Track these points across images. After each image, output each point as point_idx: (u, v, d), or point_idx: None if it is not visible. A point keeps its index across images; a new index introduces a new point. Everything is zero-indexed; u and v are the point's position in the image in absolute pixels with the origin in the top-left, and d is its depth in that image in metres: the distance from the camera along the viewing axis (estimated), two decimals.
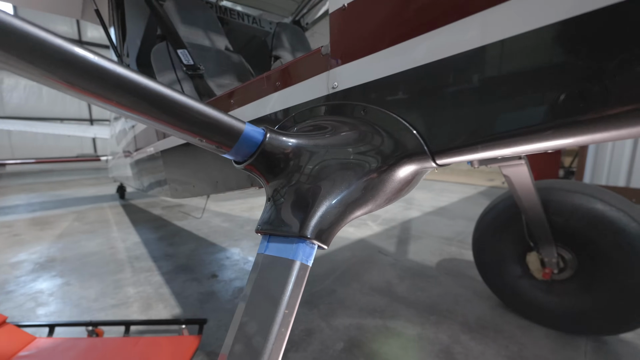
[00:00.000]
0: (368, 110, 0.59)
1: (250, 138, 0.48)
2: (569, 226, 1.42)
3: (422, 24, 0.50)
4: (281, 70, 0.82)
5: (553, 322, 1.53)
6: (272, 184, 0.54)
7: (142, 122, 0.44)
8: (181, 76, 1.71)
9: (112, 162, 4.92)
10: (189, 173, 1.58)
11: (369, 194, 0.53)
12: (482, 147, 0.48)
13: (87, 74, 0.37)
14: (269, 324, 0.44)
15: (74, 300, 1.99)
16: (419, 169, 0.57)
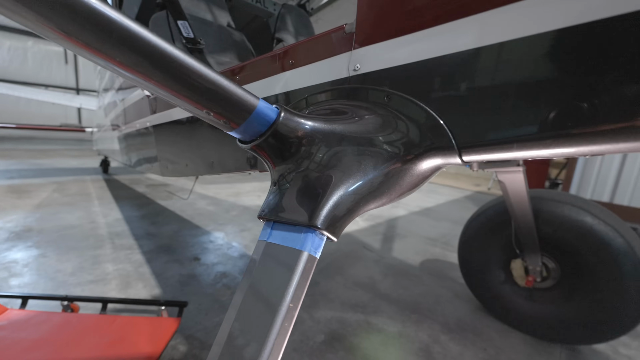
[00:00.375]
0: (392, 97, 0.56)
1: (263, 116, 0.44)
2: (557, 237, 1.45)
3: (464, 5, 0.46)
4: (296, 46, 0.76)
5: (531, 328, 1.56)
6: (280, 168, 0.50)
7: (144, 86, 0.39)
8: (179, 48, 1.65)
9: (97, 134, 4.75)
10: (183, 151, 1.53)
11: (386, 186, 0.49)
12: (511, 147, 0.46)
13: (88, 23, 0.32)
14: (272, 318, 0.40)
15: (49, 273, 1.92)
16: (443, 163, 0.54)
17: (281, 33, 2.48)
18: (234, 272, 2.09)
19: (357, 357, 1.36)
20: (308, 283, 0.44)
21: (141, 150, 2.11)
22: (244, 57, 2.02)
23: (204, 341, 1.40)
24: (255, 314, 0.42)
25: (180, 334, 1.42)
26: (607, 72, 0.37)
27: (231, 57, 1.93)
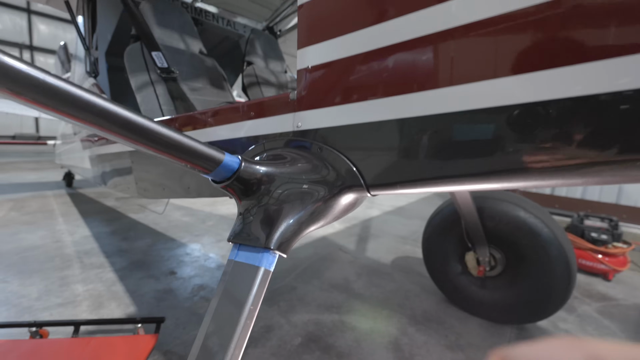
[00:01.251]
0: (323, 149, 0.74)
1: (228, 165, 0.59)
2: (499, 229, 1.63)
3: (363, 94, 0.66)
4: (256, 103, 0.94)
5: (486, 313, 1.73)
6: (244, 203, 0.66)
7: (137, 149, 0.52)
8: (155, 78, 1.68)
9: (62, 147, 4.52)
10: (161, 175, 1.59)
11: (319, 215, 0.67)
12: (405, 186, 0.65)
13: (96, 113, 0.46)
14: (237, 316, 0.54)
15: (12, 300, 1.85)
16: (358, 196, 0.73)
17: (251, 56, 2.61)
18: (211, 284, 2.12)
19: (332, 356, 1.44)
20: (265, 290, 0.59)
21: (117, 172, 2.10)
22: (216, 82, 2.08)
23: (183, 355, 1.42)
24: (226, 314, 0.56)
25: (158, 350, 1.44)
26: (453, 144, 0.57)
27: (204, 82, 1.99)
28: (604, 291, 2.13)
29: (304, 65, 0.75)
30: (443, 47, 0.55)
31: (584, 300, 2.00)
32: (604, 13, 0.42)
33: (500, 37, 0.49)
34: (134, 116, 0.48)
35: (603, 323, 1.75)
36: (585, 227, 2.52)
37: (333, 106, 0.71)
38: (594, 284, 2.23)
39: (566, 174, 0.48)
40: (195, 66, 2.03)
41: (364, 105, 0.66)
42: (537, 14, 0.46)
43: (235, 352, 0.52)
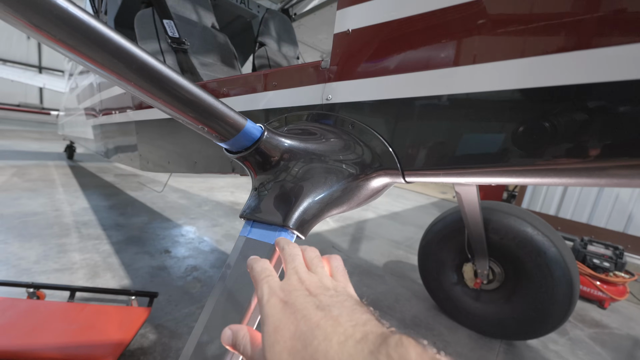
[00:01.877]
0: (355, 126, 0.67)
1: (249, 134, 0.52)
2: (503, 244, 1.63)
3: (409, 65, 0.59)
4: (280, 71, 0.86)
5: (476, 325, 1.75)
6: (261, 177, 0.59)
7: (153, 104, 0.46)
8: (165, 48, 1.66)
9: (65, 118, 4.53)
10: (166, 149, 1.54)
11: (345, 197, 0.60)
12: (443, 174, 0.59)
13: (114, 56, 0.39)
14: (250, 296, 0.49)
15: (11, 260, 1.87)
16: (390, 182, 0.66)
17: (264, 37, 2.54)
18: (204, 266, 2.13)
19: None
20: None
21: (120, 143, 2.08)
22: (227, 59, 2.06)
23: (174, 330, 1.44)
24: (237, 293, 0.51)
25: (150, 323, 1.46)
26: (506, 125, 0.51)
27: (214, 58, 1.96)
28: (597, 318, 2.15)
29: (342, 28, 0.67)
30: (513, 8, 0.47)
31: (576, 324, 2.01)
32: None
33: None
34: (151, 60, 0.41)
35: (594, 349, 1.76)
36: (588, 253, 2.51)
37: (373, 77, 0.63)
38: (589, 310, 2.24)
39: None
40: (206, 40, 1.98)
41: (409, 77, 0.58)
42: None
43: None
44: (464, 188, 1.48)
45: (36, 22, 0.34)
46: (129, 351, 1.28)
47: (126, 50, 0.40)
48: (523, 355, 1.63)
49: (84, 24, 0.36)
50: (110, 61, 0.40)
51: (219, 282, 0.54)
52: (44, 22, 0.34)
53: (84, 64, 0.40)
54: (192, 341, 0.49)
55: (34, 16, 0.34)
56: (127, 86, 0.43)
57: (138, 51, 0.41)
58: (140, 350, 1.30)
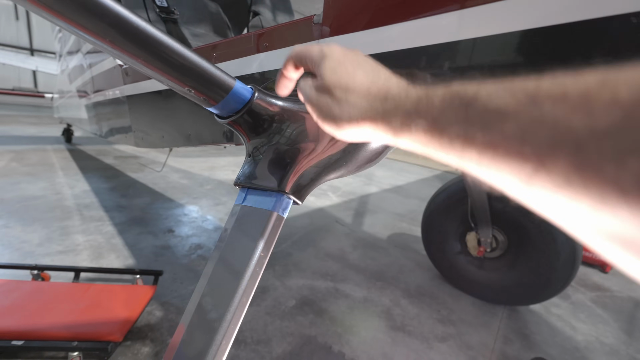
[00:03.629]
0: None
1: (239, 95, 0.49)
2: (506, 212, 1.62)
3: (410, 10, 0.54)
4: (270, 31, 0.82)
5: (480, 293, 1.76)
6: (254, 142, 0.56)
7: (133, 65, 0.42)
8: (153, 18, 1.57)
9: (60, 101, 4.44)
10: (159, 122, 1.50)
11: (343, 160, 0.56)
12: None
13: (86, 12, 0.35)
14: (246, 261, 0.48)
15: (14, 244, 1.87)
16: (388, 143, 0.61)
17: (258, 6, 2.42)
18: (208, 244, 2.14)
19: (325, 320, 1.48)
20: (277, 237, 0.53)
21: (113, 121, 2.03)
22: (220, 30, 1.96)
23: (180, 307, 1.46)
24: (233, 259, 0.50)
25: (156, 301, 1.47)
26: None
27: (206, 29, 1.88)
28: (599, 282, 2.16)
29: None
30: None
31: (578, 288, 2.03)
32: None
33: None
34: (128, 13, 0.38)
35: (596, 312, 1.78)
36: None
37: (370, 29, 0.59)
38: (590, 275, 2.25)
39: None
40: (197, 10, 1.90)
41: (409, 25, 0.54)
42: None
43: (242, 300, 0.48)
44: None
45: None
46: (136, 328, 1.29)
47: (100, 3, 0.36)
48: (526, 319, 1.65)
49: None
50: (79, 13, 0.35)
51: (215, 250, 0.54)
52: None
53: (54, 20, 0.36)
54: (191, 307, 0.50)
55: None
56: (105, 46, 0.39)
57: (112, 3, 0.37)
58: (148, 327, 1.32)
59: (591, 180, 0.14)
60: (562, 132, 0.15)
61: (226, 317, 0.46)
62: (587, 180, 0.14)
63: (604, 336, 1.58)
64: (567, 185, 0.15)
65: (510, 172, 0.18)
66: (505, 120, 0.17)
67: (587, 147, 0.14)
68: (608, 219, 0.14)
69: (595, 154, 0.13)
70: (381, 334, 1.42)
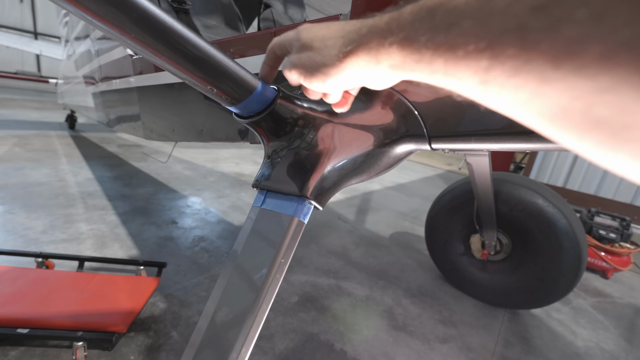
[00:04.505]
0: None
1: (262, 96, 0.47)
2: (512, 215, 1.61)
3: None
4: (293, 27, 0.79)
5: (482, 295, 1.77)
6: (274, 144, 0.55)
7: (156, 61, 0.41)
8: (165, 7, 1.55)
9: (65, 87, 4.41)
10: (170, 116, 1.48)
11: (366, 165, 0.56)
12: (473, 140, 0.54)
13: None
14: (267, 267, 0.47)
15: (18, 231, 1.88)
16: (415, 148, 0.61)
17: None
18: (211, 236, 2.14)
19: (328, 317, 1.48)
20: (297, 243, 0.51)
21: (121, 111, 2.01)
22: (231, 22, 1.94)
23: (183, 299, 1.46)
24: (253, 265, 0.49)
25: (159, 293, 1.48)
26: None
27: (218, 20, 1.85)
28: (600, 288, 2.17)
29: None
30: None
31: (579, 294, 2.03)
32: None
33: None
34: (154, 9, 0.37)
35: (597, 317, 1.79)
36: (594, 224, 2.51)
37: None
38: (591, 280, 2.26)
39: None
40: (209, 1, 1.88)
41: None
42: None
43: (262, 307, 0.46)
44: (476, 159, 1.43)
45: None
46: (140, 319, 1.30)
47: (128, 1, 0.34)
48: (527, 323, 1.65)
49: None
50: (107, 9, 0.34)
51: (231, 255, 0.52)
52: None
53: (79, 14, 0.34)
54: (209, 311, 0.48)
55: None
56: (128, 41, 0.38)
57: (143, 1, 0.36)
58: (152, 319, 1.32)
59: (533, 59, 0.16)
60: (508, 19, 0.17)
61: (246, 323, 0.44)
62: (530, 61, 0.16)
63: (604, 342, 1.58)
64: (515, 73, 0.17)
65: (470, 72, 0.20)
66: (464, 17, 0.19)
67: (527, 26, 0.16)
68: (548, 97, 0.17)
69: (534, 31, 0.16)
70: (383, 334, 1.42)
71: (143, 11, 0.36)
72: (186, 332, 1.28)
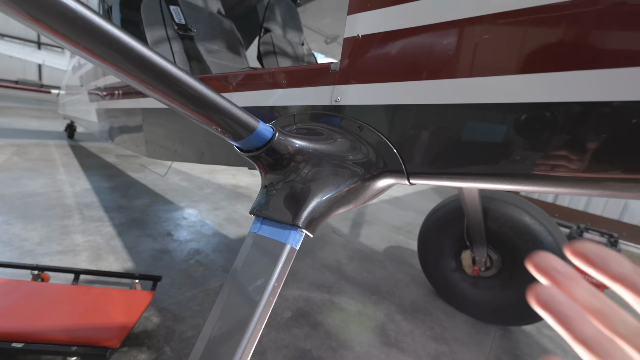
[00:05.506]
0: (363, 128, 0.68)
1: (261, 135, 0.53)
2: (501, 232, 1.65)
3: (417, 73, 0.61)
4: (290, 70, 0.87)
5: (473, 311, 1.78)
6: (271, 177, 0.61)
7: (168, 105, 0.47)
8: (171, 35, 1.63)
9: (67, 98, 4.46)
10: (173, 138, 1.54)
11: (352, 196, 0.62)
12: (446, 178, 0.60)
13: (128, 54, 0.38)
14: (261, 291, 0.52)
15: (14, 242, 1.89)
16: (395, 182, 0.68)
17: (269, 23, 2.51)
18: (206, 249, 2.16)
19: (320, 333, 1.49)
20: (289, 268, 0.56)
21: (125, 129, 2.06)
22: (233, 46, 2.03)
23: (177, 314, 1.47)
24: (247, 289, 0.53)
25: (153, 307, 1.49)
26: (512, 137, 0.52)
27: (220, 45, 1.94)
28: None
29: (352, 33, 0.68)
30: (513, 29, 0.50)
31: None
32: (624, 20, 0.41)
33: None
34: (171, 67, 0.42)
35: None
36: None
37: (380, 83, 0.65)
38: None
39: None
40: (212, 27, 1.97)
41: (415, 85, 0.60)
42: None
43: (257, 327, 0.50)
44: None
45: (45, 21, 0.33)
46: (133, 334, 1.31)
47: (148, 60, 0.40)
48: (518, 340, 1.67)
49: (109, 35, 0.37)
50: (134, 71, 0.40)
51: (229, 278, 0.56)
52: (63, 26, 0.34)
53: (104, 67, 0.40)
54: (207, 331, 0.52)
55: (36, 11, 0.33)
56: (148, 91, 0.44)
57: (159, 60, 0.41)
58: (145, 334, 1.33)
59: None
60: None
61: (241, 343, 0.49)
62: None
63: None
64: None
65: None
66: None
67: None
68: None
69: None
70: (375, 350, 1.43)
71: (162, 70, 0.41)
72: (179, 347, 1.29)
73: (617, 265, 0.23)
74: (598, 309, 0.22)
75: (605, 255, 0.24)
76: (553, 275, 0.25)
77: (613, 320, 0.21)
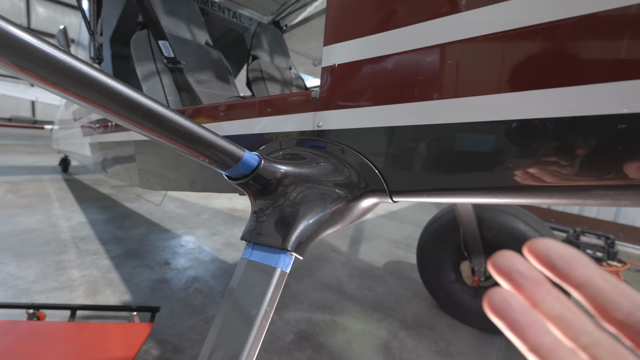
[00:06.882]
0: (345, 151, 0.72)
1: (247, 163, 0.56)
2: (497, 241, 1.66)
3: (390, 97, 0.65)
4: (273, 99, 0.92)
5: (477, 322, 1.77)
6: (260, 203, 0.63)
7: (161, 143, 0.49)
8: (161, 68, 1.68)
9: (60, 132, 4.50)
10: (166, 168, 1.57)
11: (338, 217, 0.64)
12: (426, 195, 0.63)
13: (121, 99, 0.42)
14: (254, 317, 0.53)
15: (9, 281, 1.86)
16: (379, 201, 0.71)
17: (256, 51, 2.60)
18: (205, 276, 2.14)
19: (324, 355, 1.47)
20: (280, 292, 0.58)
21: (119, 161, 2.09)
22: (222, 75, 2.09)
23: (177, 345, 1.45)
24: (240, 314, 0.54)
25: (152, 339, 1.46)
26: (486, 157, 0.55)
27: (209, 75, 2.00)
28: None
29: (329, 62, 0.73)
30: (480, 51, 0.53)
31: None
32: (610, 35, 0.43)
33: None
34: (153, 104, 0.45)
35: None
36: (581, 244, 2.57)
37: (358, 108, 0.69)
38: None
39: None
40: (201, 58, 2.04)
41: (391, 109, 0.64)
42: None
43: (250, 353, 0.51)
44: None
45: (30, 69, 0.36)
46: None
47: (135, 101, 0.43)
48: None
49: (96, 82, 0.39)
50: (122, 112, 0.43)
51: (223, 304, 0.58)
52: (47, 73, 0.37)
53: (95, 111, 0.43)
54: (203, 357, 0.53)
55: (21, 61, 0.35)
56: (137, 129, 0.46)
57: (145, 100, 0.44)
58: None
59: None
60: None
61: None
62: None
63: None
64: None
65: None
66: None
67: None
68: None
69: None
70: None
71: (148, 109, 0.44)
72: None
73: (583, 269, 0.20)
74: (560, 316, 0.20)
75: (570, 257, 0.21)
76: (514, 278, 0.21)
77: (575, 329, 0.19)
